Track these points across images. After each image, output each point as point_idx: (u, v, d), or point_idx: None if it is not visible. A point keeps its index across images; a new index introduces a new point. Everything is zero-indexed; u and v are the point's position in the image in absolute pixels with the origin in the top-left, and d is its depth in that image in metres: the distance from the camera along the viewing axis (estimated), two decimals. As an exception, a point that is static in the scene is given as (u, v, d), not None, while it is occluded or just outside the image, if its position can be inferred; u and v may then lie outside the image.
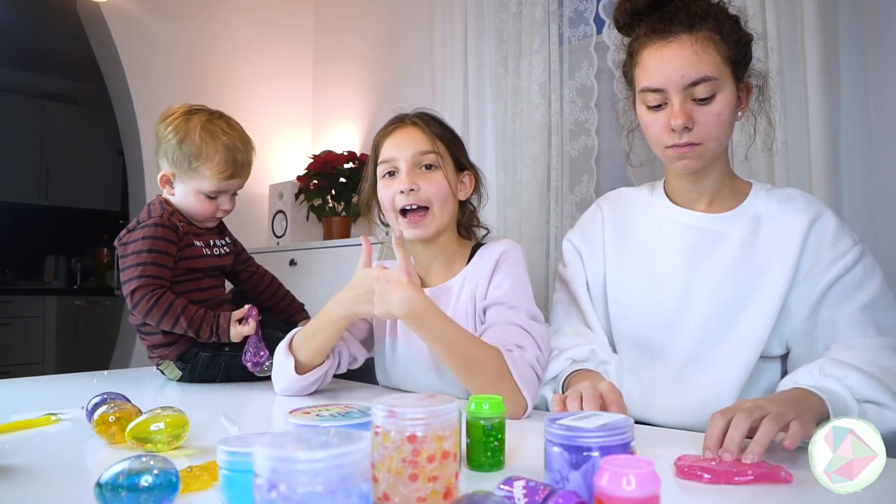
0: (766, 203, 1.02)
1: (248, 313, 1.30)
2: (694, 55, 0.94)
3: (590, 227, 1.16)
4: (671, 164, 1.02)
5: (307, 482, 0.40)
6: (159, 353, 1.35)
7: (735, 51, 0.97)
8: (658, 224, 1.08)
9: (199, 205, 1.36)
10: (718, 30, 0.96)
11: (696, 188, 1.05)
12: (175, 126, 1.34)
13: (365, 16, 2.81)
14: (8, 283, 4.48)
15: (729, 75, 0.96)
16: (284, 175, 2.77)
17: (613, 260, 1.10)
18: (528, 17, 2.06)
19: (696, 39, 0.94)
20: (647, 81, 0.97)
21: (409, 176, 1.10)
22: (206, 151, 1.32)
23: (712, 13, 0.96)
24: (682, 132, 0.95)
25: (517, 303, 1.06)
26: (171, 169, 1.35)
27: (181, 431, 0.77)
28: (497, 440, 0.69)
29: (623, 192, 1.18)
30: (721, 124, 0.96)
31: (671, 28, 0.95)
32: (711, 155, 0.99)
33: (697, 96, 0.94)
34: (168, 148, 1.33)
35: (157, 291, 1.26)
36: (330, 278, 2.20)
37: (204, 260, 1.38)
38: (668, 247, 1.05)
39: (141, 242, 1.29)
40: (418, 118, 1.16)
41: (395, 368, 1.21)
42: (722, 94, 0.95)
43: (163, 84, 2.59)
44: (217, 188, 1.35)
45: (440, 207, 1.12)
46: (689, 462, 0.65)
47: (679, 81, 0.94)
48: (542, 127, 2.02)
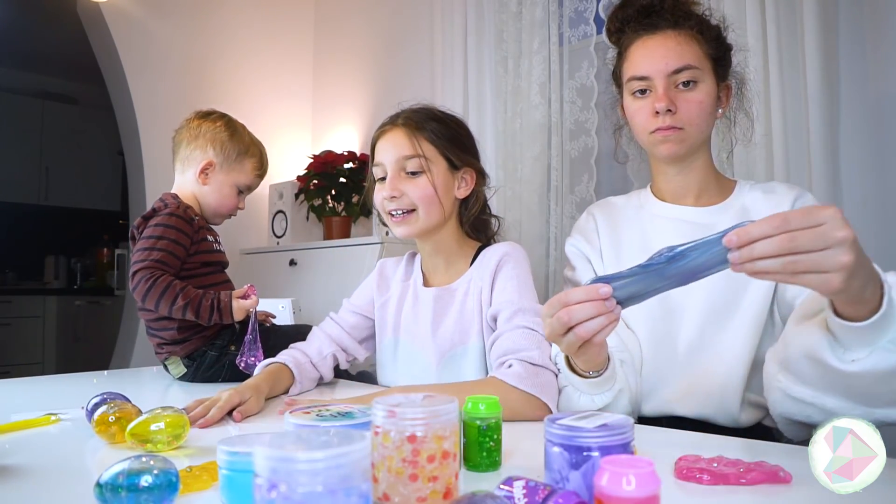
0: (751, 196, 1.06)
1: (249, 291, 1.33)
2: (677, 45, 1.02)
3: (587, 232, 1.17)
4: (655, 149, 1.05)
5: (307, 482, 0.40)
6: (169, 349, 1.37)
7: (715, 50, 1.05)
8: (650, 222, 1.10)
9: (229, 198, 1.46)
10: (700, 30, 1.04)
11: (683, 182, 1.08)
12: (225, 122, 1.47)
13: (365, 16, 2.80)
14: (8, 283, 4.48)
15: (710, 70, 1.03)
16: (284, 175, 2.77)
17: (611, 263, 1.11)
18: (528, 17, 2.06)
19: (680, 33, 1.03)
20: (634, 70, 1.05)
21: (392, 182, 1.13)
22: (251, 148, 1.48)
23: (695, 16, 1.05)
24: (666, 115, 1.01)
25: (522, 305, 1.06)
26: (217, 159, 1.43)
27: (181, 431, 0.77)
28: (493, 440, 0.69)
29: (611, 201, 1.21)
30: (702, 111, 1.02)
31: (657, 24, 1.04)
32: (693, 141, 1.03)
33: (680, 81, 1.01)
34: (217, 139, 1.44)
35: (157, 273, 1.28)
36: (330, 278, 2.20)
37: (214, 255, 1.44)
38: (662, 242, 1.05)
39: (153, 229, 1.34)
40: (409, 118, 1.15)
41: (395, 368, 1.22)
42: (703, 83, 1.02)
43: (162, 84, 2.58)
44: (250, 183, 1.49)
45: (425, 211, 1.13)
46: (689, 463, 0.65)
47: (663, 68, 1.01)
48: (542, 127, 2.02)
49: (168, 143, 1.54)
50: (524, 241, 2.00)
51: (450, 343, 1.13)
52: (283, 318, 1.73)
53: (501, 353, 1.01)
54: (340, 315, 1.29)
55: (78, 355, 4.20)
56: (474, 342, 1.11)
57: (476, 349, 1.11)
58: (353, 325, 1.27)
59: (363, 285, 1.32)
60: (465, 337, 1.12)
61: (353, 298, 1.31)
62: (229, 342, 1.38)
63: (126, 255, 3.90)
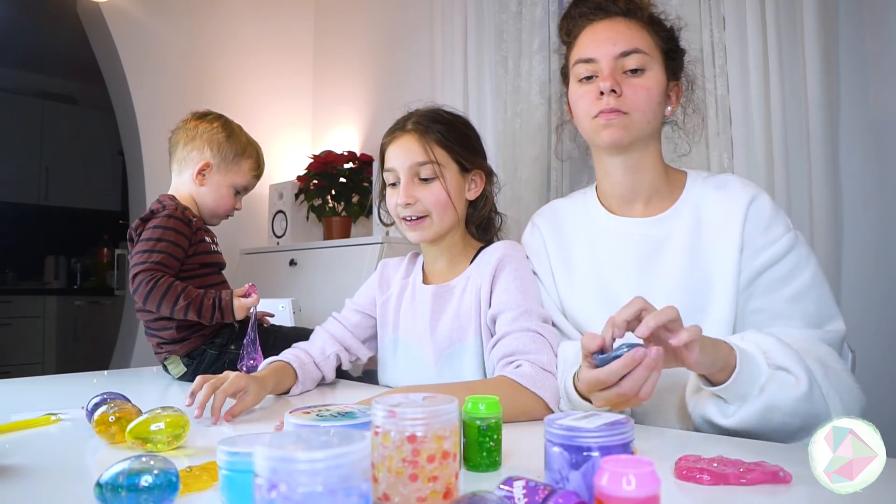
0: (702, 192, 1.01)
1: (250, 290, 1.34)
2: (627, 29, 0.97)
3: (533, 248, 1.15)
4: (597, 136, 0.99)
5: (307, 482, 0.40)
6: (168, 348, 1.37)
7: (666, 45, 1.00)
8: (601, 238, 1.06)
9: (226, 199, 1.47)
10: (651, 22, 1.00)
11: (631, 184, 1.03)
12: (222, 123, 1.48)
13: (365, 15, 2.81)
14: (8, 283, 4.48)
15: (659, 60, 0.99)
16: (284, 175, 2.77)
17: (563, 280, 1.08)
18: (528, 17, 2.06)
19: (630, 21, 0.99)
20: (580, 54, 1.00)
21: (406, 189, 1.12)
22: (248, 149, 1.49)
23: (647, 10, 1.01)
24: (610, 96, 0.95)
25: (528, 307, 1.05)
26: (214, 160, 1.44)
27: (181, 431, 0.77)
28: (493, 440, 0.69)
29: (555, 206, 1.18)
30: (650, 99, 0.96)
31: (608, 10, 1.00)
32: (637, 130, 0.97)
33: (628, 67, 0.96)
34: (214, 140, 1.44)
35: (157, 274, 1.29)
36: (330, 278, 2.20)
37: (212, 256, 1.44)
38: (616, 262, 1.03)
39: (152, 231, 1.34)
40: (419, 123, 1.15)
41: (396, 367, 1.22)
42: (652, 72, 0.97)
43: (163, 84, 2.59)
44: (247, 184, 1.49)
45: (439, 216, 1.13)
46: (690, 463, 0.65)
47: (611, 50, 0.96)
48: (542, 127, 2.02)
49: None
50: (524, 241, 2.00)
51: (448, 340, 1.13)
52: (283, 318, 1.73)
53: (508, 353, 1.00)
54: (343, 314, 1.29)
55: (78, 355, 4.20)
56: (472, 340, 1.11)
57: (474, 347, 1.11)
58: (356, 323, 1.27)
59: (365, 285, 1.32)
60: (463, 334, 1.12)
61: (356, 298, 1.31)
62: (229, 341, 1.39)
63: (126, 255, 3.90)
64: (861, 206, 1.49)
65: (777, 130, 1.52)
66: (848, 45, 1.51)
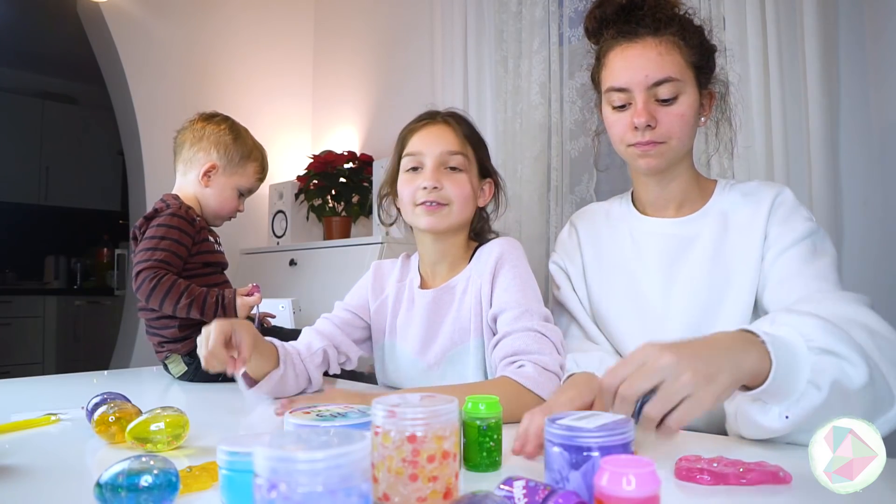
0: (730, 197, 1.03)
1: (253, 290, 1.34)
2: (658, 56, 0.96)
3: (568, 247, 1.16)
4: (633, 162, 1.02)
5: (307, 482, 0.40)
6: (170, 347, 1.37)
7: (698, 57, 0.99)
8: (631, 237, 1.08)
9: (230, 200, 1.48)
10: (682, 35, 0.98)
11: (663, 193, 1.05)
12: (229, 125, 1.49)
13: (365, 15, 2.80)
14: (8, 283, 4.48)
15: (692, 79, 0.98)
16: (284, 175, 2.77)
17: (594, 278, 1.10)
18: (528, 17, 2.06)
19: (661, 42, 0.97)
20: (612, 81, 0.99)
21: (433, 173, 1.11)
22: (254, 152, 1.50)
23: (677, 19, 0.99)
24: (645, 130, 0.96)
25: (529, 306, 1.05)
26: (220, 162, 1.45)
27: (181, 431, 0.77)
28: (493, 440, 0.69)
29: (594, 209, 1.19)
30: (684, 125, 0.97)
31: (637, 31, 0.98)
32: (674, 154, 0.99)
33: (661, 97, 0.96)
34: (220, 142, 1.46)
35: (160, 272, 1.29)
36: (330, 278, 2.20)
37: (215, 255, 1.45)
38: (645, 259, 1.05)
39: (156, 229, 1.35)
40: (451, 117, 1.16)
41: (394, 368, 1.21)
42: (685, 95, 0.97)
43: (162, 84, 2.58)
44: (251, 186, 1.51)
45: (460, 208, 1.13)
46: (690, 463, 0.65)
47: (643, 81, 0.96)
48: (542, 127, 2.02)
49: (168, 144, 1.55)
50: (524, 241, 1.99)
51: (450, 342, 1.13)
52: (283, 318, 1.73)
53: (511, 353, 1.00)
54: (333, 313, 1.27)
55: (78, 355, 4.20)
56: (474, 341, 1.11)
57: (476, 348, 1.11)
58: (346, 321, 1.24)
59: (357, 286, 1.30)
60: (465, 335, 1.12)
61: (347, 298, 1.29)
62: None
63: (126, 255, 3.90)
64: (861, 206, 1.49)
65: (777, 131, 1.52)
66: (848, 45, 1.51)
